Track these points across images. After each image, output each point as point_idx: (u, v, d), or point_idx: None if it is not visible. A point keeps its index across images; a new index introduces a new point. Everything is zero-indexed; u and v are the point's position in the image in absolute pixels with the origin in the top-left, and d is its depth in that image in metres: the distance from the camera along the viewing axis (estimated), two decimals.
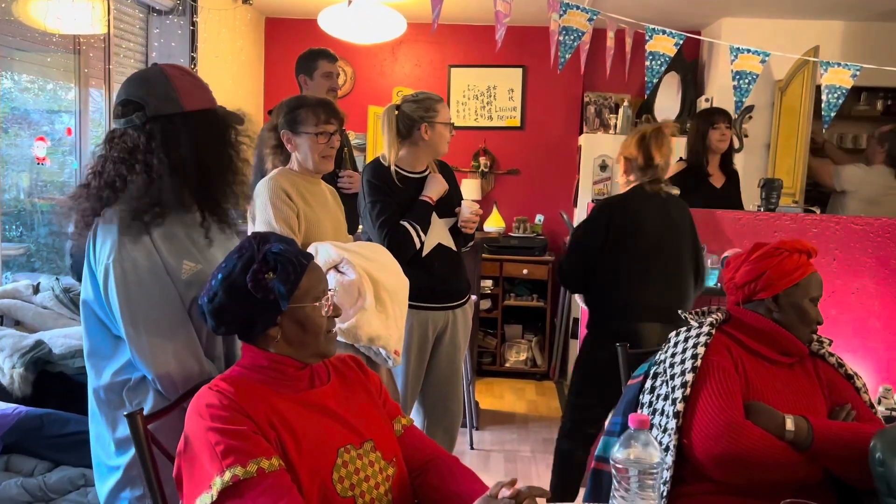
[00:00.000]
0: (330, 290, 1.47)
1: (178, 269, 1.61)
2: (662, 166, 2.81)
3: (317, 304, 1.43)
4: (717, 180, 3.77)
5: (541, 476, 3.65)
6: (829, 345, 1.89)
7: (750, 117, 4.95)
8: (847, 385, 1.81)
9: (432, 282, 2.69)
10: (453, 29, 5.50)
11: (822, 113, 3.33)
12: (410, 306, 2.42)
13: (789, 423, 1.63)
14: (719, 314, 1.88)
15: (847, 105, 4.19)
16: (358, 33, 4.32)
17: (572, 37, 3.27)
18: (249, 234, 1.93)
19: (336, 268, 2.07)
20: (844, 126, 5.21)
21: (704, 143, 3.69)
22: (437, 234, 2.74)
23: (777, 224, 3.32)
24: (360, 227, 3.01)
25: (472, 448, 3.95)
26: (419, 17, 5.17)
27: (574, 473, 2.87)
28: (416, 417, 2.83)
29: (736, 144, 4.26)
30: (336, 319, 1.50)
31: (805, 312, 1.81)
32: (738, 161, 4.20)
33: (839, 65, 3.28)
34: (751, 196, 4.60)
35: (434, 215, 2.72)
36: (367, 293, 2.03)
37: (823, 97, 3.31)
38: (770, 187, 3.40)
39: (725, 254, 3.22)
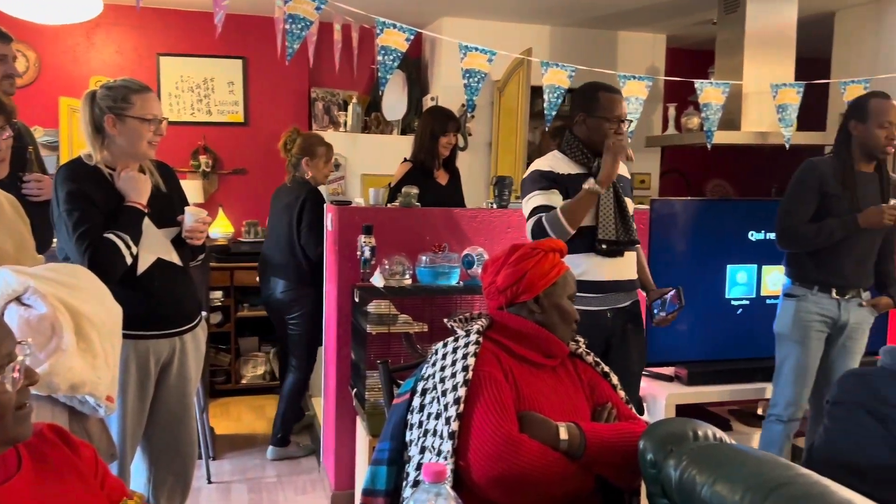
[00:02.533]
0: (21, 343, 1.05)
1: None
2: (290, 161, 3.83)
3: None
4: (442, 178, 3.84)
5: (289, 502, 3.37)
6: (586, 344, 1.89)
7: (472, 116, 5.10)
8: (605, 384, 1.81)
9: (152, 305, 2.27)
10: (161, 13, 4.93)
11: (545, 111, 3.47)
12: (125, 336, 1.99)
13: (563, 432, 1.56)
14: (483, 320, 1.78)
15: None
16: (40, 12, 3.64)
17: (300, 26, 3.02)
18: None
19: (18, 300, 1.61)
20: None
21: (435, 145, 3.71)
22: (155, 247, 2.32)
23: (510, 220, 3.39)
24: (55, 242, 2.47)
25: (209, 482, 3.53)
26: None
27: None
28: (139, 466, 2.39)
29: (461, 143, 4.34)
30: None
31: (565, 311, 1.78)
32: (464, 159, 4.29)
33: (557, 65, 3.44)
34: (479, 194, 4.74)
35: (151, 225, 2.30)
36: (63, 330, 1.60)
37: (545, 96, 3.44)
38: (502, 185, 3.46)
39: (466, 251, 3.20)
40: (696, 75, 3.99)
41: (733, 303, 3.47)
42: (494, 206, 3.50)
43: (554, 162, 2.69)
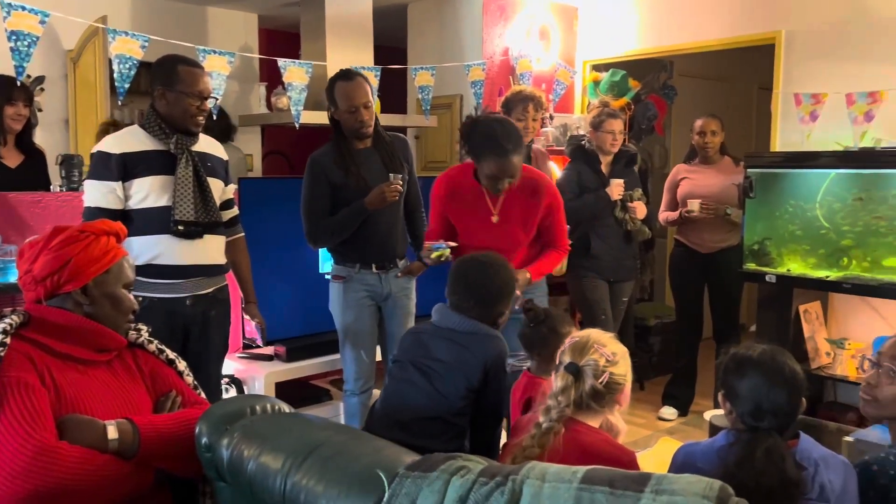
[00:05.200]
0: None
1: None
2: None
3: None
4: (13, 160, 3.33)
5: None
6: (149, 331, 1.75)
7: (42, 89, 4.48)
8: (170, 371, 1.71)
9: None
10: None
11: (116, 84, 3.16)
12: None
13: (111, 431, 1.42)
14: (15, 317, 1.53)
15: (139, 80, 4.12)
16: None
17: None
18: None
19: None
20: (142, 103, 5.19)
21: (1, 120, 3.22)
22: None
23: (81, 204, 3.04)
24: None
25: None
26: None
27: None
28: None
29: (34, 119, 3.77)
30: None
31: (120, 301, 1.63)
32: (36, 138, 3.75)
33: (127, 34, 3.15)
34: (54, 176, 4.19)
35: None
36: None
37: (115, 67, 3.14)
38: (70, 164, 3.09)
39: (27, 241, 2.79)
40: (291, 56, 4.01)
41: (327, 277, 3.60)
42: (63, 188, 3.12)
43: (128, 139, 2.48)
